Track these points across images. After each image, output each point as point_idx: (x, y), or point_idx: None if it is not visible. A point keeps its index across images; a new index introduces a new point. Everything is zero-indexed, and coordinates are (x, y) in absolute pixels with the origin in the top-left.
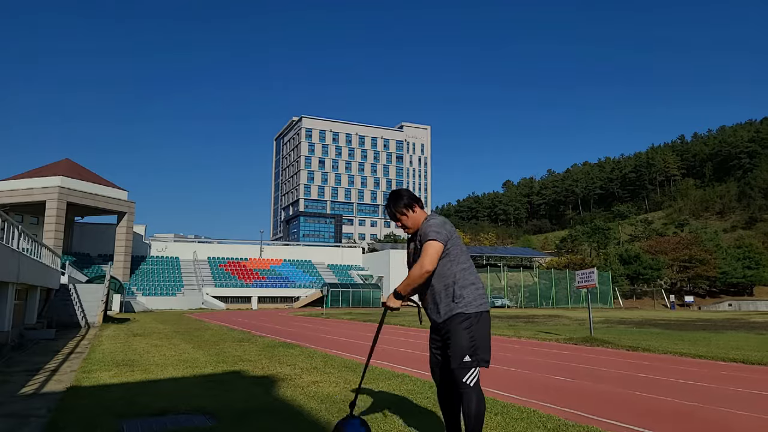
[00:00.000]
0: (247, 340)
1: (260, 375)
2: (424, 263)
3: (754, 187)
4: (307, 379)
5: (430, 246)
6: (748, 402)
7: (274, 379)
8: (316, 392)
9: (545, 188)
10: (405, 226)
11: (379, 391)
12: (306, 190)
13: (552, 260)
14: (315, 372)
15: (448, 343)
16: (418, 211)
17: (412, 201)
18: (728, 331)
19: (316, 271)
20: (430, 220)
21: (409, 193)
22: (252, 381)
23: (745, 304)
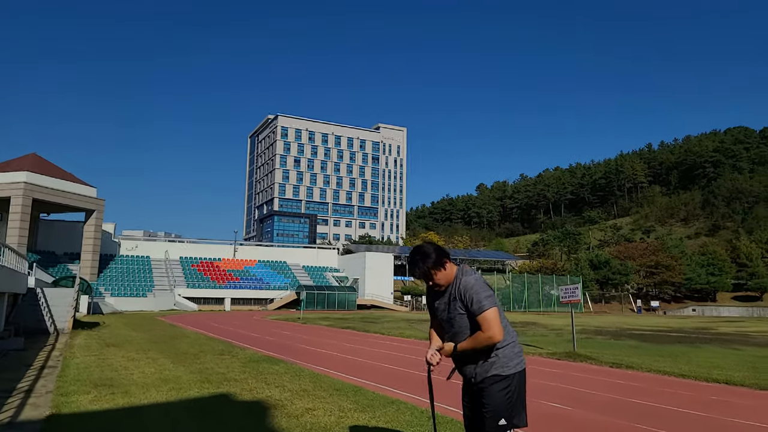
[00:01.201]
0: (228, 352)
1: (249, 400)
2: (494, 334)
3: (717, 196)
4: (300, 406)
5: (492, 315)
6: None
7: (264, 406)
8: (312, 424)
9: (518, 192)
10: (437, 284)
11: (374, 427)
12: (281, 189)
13: (525, 264)
14: (306, 396)
15: (483, 403)
16: (448, 267)
17: (441, 257)
18: (704, 346)
19: (290, 272)
20: (472, 281)
21: (435, 247)
22: (242, 409)
23: (708, 309)
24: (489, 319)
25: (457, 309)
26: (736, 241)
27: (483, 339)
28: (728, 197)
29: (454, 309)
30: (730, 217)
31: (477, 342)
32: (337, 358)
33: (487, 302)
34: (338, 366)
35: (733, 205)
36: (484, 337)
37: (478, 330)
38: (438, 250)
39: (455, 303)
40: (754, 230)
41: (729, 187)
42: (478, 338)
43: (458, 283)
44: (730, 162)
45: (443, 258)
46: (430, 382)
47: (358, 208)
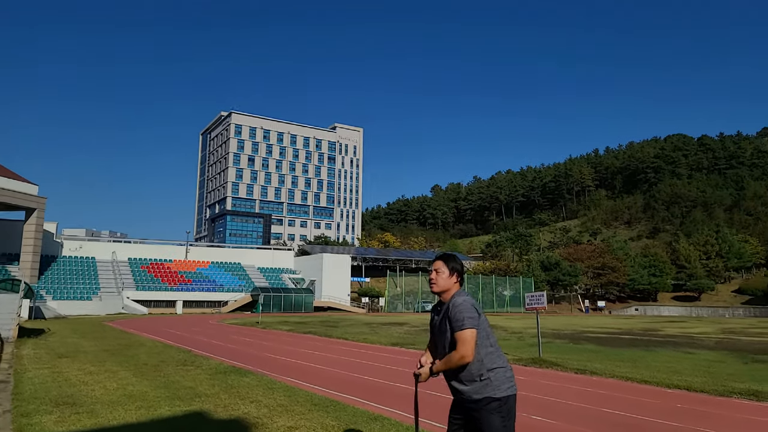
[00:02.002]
0: (191, 362)
1: (226, 418)
2: (466, 353)
3: (658, 200)
4: (281, 424)
5: (469, 335)
6: None
7: (244, 425)
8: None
9: (471, 194)
10: (434, 282)
11: None
12: (234, 188)
13: (479, 265)
14: (284, 413)
15: (479, 427)
16: (454, 280)
17: (457, 269)
18: (658, 349)
19: (245, 274)
20: (460, 300)
21: (461, 262)
22: (220, 428)
23: (650, 309)
24: (464, 338)
25: (445, 325)
26: (675, 244)
27: (455, 358)
28: (668, 201)
29: (444, 327)
30: (669, 221)
31: (450, 362)
32: (307, 368)
33: (468, 322)
34: (310, 377)
35: (673, 209)
36: (457, 357)
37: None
38: (460, 265)
39: (445, 321)
40: (692, 233)
41: (668, 191)
42: (451, 358)
43: (450, 302)
44: (669, 168)
45: (458, 273)
46: (416, 396)
47: (314, 208)
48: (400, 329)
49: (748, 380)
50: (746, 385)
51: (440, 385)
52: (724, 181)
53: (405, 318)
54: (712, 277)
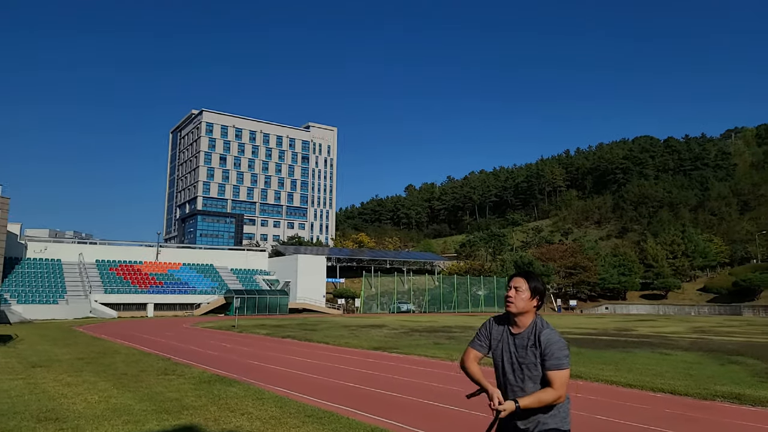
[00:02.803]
0: (172, 371)
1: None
2: (562, 394)
3: (626, 200)
4: None
5: (566, 376)
6: None
7: None
8: None
9: (445, 194)
10: (511, 301)
11: None
12: (205, 187)
13: (453, 265)
14: (279, 426)
15: None
16: (534, 303)
17: (539, 290)
18: (636, 351)
19: (218, 275)
20: (557, 337)
21: (544, 283)
22: None
23: (619, 307)
24: (563, 378)
25: (531, 356)
26: (643, 243)
27: (551, 397)
28: (636, 202)
29: (528, 356)
30: (637, 221)
31: (543, 399)
32: (294, 376)
33: (566, 362)
34: (298, 385)
35: (640, 209)
36: (554, 396)
37: (545, 385)
38: (543, 285)
39: (533, 350)
40: (659, 233)
41: (636, 192)
42: (546, 395)
43: (540, 332)
44: (637, 169)
45: (540, 289)
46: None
47: (287, 208)
48: (380, 332)
49: (729, 383)
50: (727, 388)
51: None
52: (690, 182)
53: (382, 320)
54: (678, 276)
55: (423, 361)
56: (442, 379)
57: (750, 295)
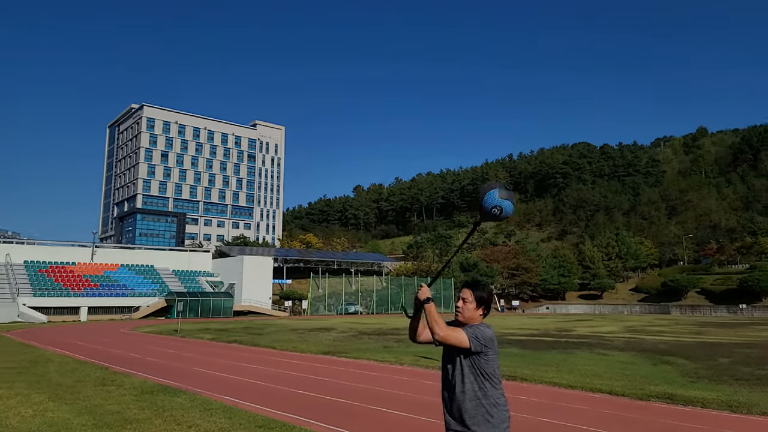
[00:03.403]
0: (111, 381)
1: None
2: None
3: (566, 204)
4: None
5: (462, 336)
6: None
7: None
8: None
9: (393, 195)
10: (460, 310)
11: None
12: (145, 185)
13: (401, 266)
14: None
15: None
16: (480, 312)
17: (484, 299)
18: (576, 352)
19: (159, 277)
20: (485, 329)
21: (490, 291)
22: None
23: (559, 307)
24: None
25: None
26: (581, 246)
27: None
28: (574, 205)
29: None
30: (576, 224)
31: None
32: (242, 384)
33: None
34: (247, 394)
35: (579, 212)
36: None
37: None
38: (490, 294)
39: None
40: (595, 236)
41: (575, 196)
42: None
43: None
44: (576, 174)
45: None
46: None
47: (232, 207)
48: (329, 335)
49: (662, 383)
50: (661, 388)
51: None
52: (623, 188)
53: (330, 322)
54: (612, 277)
55: (372, 366)
56: (391, 384)
57: (677, 294)
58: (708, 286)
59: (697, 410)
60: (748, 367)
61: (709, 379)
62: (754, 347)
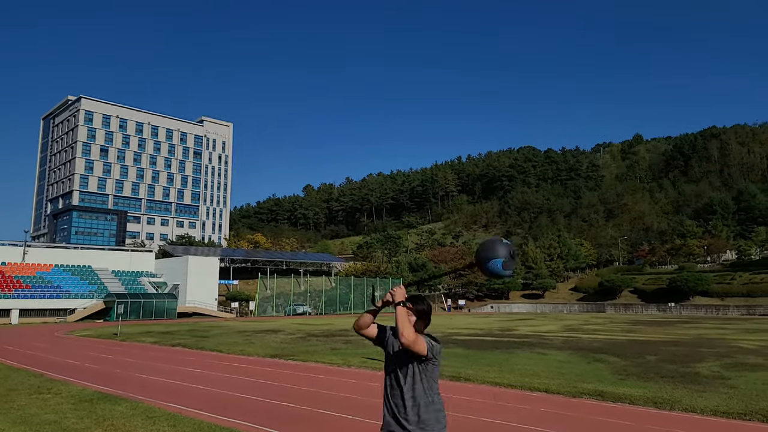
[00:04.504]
0: (47, 388)
1: None
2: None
3: (511, 206)
4: None
5: (423, 343)
6: None
7: None
8: None
9: (343, 195)
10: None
11: None
12: (82, 181)
13: (350, 266)
14: None
15: None
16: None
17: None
18: (517, 351)
19: (97, 278)
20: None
21: (429, 304)
22: None
23: (503, 306)
24: (419, 342)
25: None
26: (525, 246)
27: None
28: (519, 208)
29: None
30: (520, 225)
31: (406, 323)
32: (186, 389)
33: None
34: (191, 400)
35: (523, 214)
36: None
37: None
38: (428, 305)
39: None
40: (538, 237)
41: (520, 198)
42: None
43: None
44: (521, 177)
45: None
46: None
47: (177, 205)
48: (276, 337)
49: (594, 380)
50: (593, 386)
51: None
52: (565, 191)
53: (278, 323)
54: (554, 277)
55: (320, 368)
56: (339, 387)
57: (612, 294)
58: (640, 285)
59: (625, 407)
60: (673, 364)
61: (637, 377)
62: (679, 345)
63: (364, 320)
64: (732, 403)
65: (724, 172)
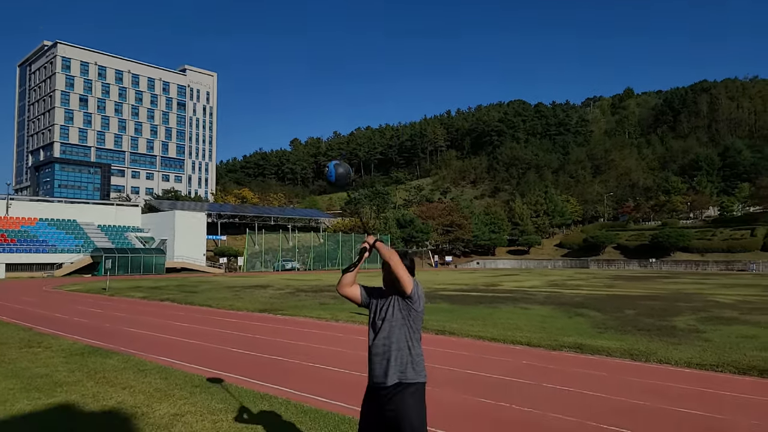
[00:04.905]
0: (37, 342)
1: (99, 410)
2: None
3: (499, 162)
4: (163, 412)
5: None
6: (570, 401)
7: (123, 417)
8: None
9: (331, 150)
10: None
11: (254, 430)
12: (63, 132)
13: (338, 222)
14: (164, 398)
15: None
16: None
17: (409, 268)
18: (501, 306)
19: (83, 232)
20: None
21: (412, 259)
22: (97, 423)
23: (489, 262)
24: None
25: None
26: (512, 203)
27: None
28: (508, 163)
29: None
30: (508, 181)
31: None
32: (176, 344)
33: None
34: (182, 354)
35: (511, 170)
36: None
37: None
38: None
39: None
40: (526, 193)
41: (509, 154)
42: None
43: None
44: (510, 132)
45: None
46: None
47: (161, 158)
48: (265, 292)
49: (574, 334)
50: (572, 339)
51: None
52: (554, 146)
53: (267, 279)
54: (539, 233)
55: (309, 323)
56: (328, 341)
57: (596, 250)
58: (624, 241)
59: (603, 359)
60: (650, 318)
61: (616, 330)
62: (658, 299)
63: (347, 279)
64: (705, 356)
65: (712, 127)
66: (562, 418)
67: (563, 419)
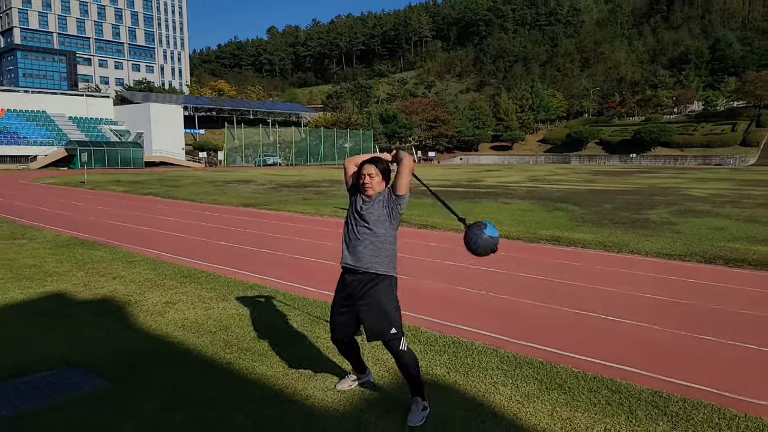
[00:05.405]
0: (21, 234)
1: (93, 298)
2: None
3: (486, 54)
4: (156, 300)
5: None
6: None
7: (116, 305)
8: (182, 321)
9: (311, 39)
10: (368, 187)
11: (242, 314)
12: (21, 16)
13: (320, 117)
14: (155, 287)
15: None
16: (385, 184)
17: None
18: (482, 201)
19: (54, 124)
20: None
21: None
22: (92, 310)
23: (472, 158)
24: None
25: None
26: (497, 98)
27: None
28: (495, 56)
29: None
30: (494, 75)
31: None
32: (162, 237)
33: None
34: (169, 247)
35: (498, 63)
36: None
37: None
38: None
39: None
40: (512, 87)
41: (496, 46)
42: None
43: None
44: (499, 22)
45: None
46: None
47: (129, 46)
48: (248, 188)
49: (552, 227)
50: (550, 232)
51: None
52: (543, 38)
53: (249, 174)
54: (523, 129)
55: (293, 217)
56: (312, 235)
57: (579, 145)
58: (606, 137)
59: (577, 250)
60: (626, 212)
61: (592, 223)
62: (635, 194)
63: (360, 157)
64: (675, 246)
65: (705, 18)
66: (536, 304)
67: (537, 305)
